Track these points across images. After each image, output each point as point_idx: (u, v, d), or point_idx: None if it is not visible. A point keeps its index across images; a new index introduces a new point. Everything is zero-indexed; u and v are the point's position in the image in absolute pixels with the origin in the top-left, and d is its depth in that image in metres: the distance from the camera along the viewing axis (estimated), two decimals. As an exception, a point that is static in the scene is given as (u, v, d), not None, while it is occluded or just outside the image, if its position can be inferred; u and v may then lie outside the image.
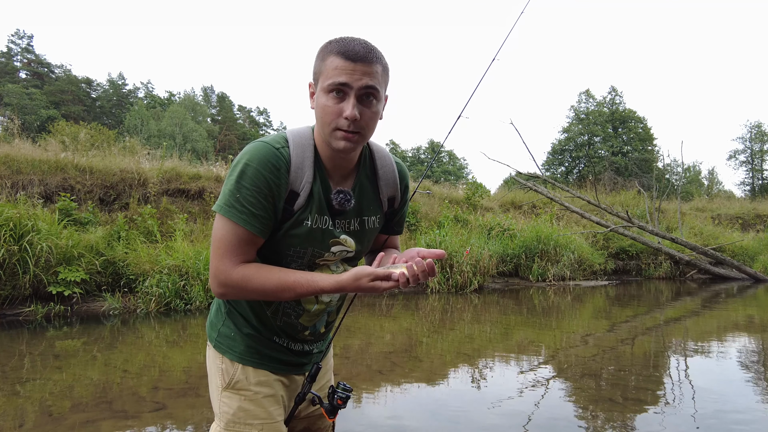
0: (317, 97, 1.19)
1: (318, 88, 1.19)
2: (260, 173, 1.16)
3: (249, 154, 1.18)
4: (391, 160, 1.40)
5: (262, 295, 1.20)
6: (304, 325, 1.37)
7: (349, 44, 1.15)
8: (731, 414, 3.32)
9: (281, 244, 1.25)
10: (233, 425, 1.31)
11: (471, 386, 3.97)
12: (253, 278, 1.18)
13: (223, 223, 1.19)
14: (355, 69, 1.14)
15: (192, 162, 12.97)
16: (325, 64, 1.16)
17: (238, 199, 1.16)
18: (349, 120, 1.15)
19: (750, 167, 46.57)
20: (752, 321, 7.05)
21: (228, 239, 1.18)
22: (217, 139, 48.16)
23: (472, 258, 9.87)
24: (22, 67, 46.94)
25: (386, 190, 1.38)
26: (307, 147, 1.24)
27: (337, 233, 1.30)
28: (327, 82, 1.15)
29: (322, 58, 1.17)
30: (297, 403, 1.37)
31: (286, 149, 1.21)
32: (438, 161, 56.06)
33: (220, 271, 1.19)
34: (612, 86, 51.58)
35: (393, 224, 1.47)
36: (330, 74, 1.14)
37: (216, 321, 1.40)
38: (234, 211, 1.16)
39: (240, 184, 1.16)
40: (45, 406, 3.38)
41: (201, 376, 4.02)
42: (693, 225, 14.96)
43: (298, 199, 1.22)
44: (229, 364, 1.35)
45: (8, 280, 6.38)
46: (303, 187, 1.22)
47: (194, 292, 7.11)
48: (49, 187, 8.50)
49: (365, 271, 1.16)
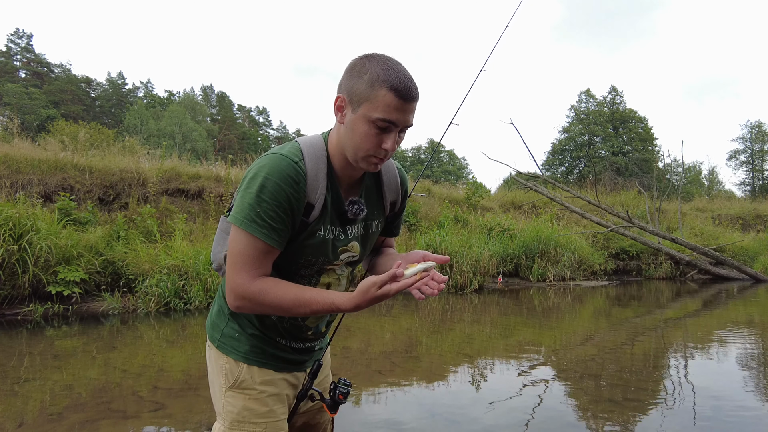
0: (356, 120, 1.17)
1: (359, 112, 1.16)
2: (281, 187, 1.16)
3: (268, 168, 1.18)
4: (393, 165, 1.42)
5: (277, 309, 1.20)
6: (309, 325, 1.40)
7: (402, 81, 1.14)
8: (732, 414, 3.31)
9: (294, 254, 1.27)
10: (238, 424, 1.32)
11: (471, 386, 3.96)
12: (270, 292, 1.19)
13: (242, 236, 1.18)
14: (405, 108, 1.16)
15: (191, 162, 12.96)
16: (375, 94, 1.14)
17: (259, 213, 1.16)
18: (388, 151, 1.19)
19: (750, 167, 46.58)
20: (752, 321, 7.04)
21: (247, 253, 1.18)
22: (216, 138, 48.17)
23: (471, 258, 9.87)
24: (21, 66, 46.94)
25: (389, 194, 1.41)
26: (321, 159, 1.25)
27: (346, 242, 1.33)
28: (375, 116, 1.14)
29: (370, 85, 1.14)
30: (299, 400, 1.40)
31: (302, 162, 1.22)
32: (438, 161, 56.05)
33: (238, 285, 1.19)
34: (612, 86, 51.58)
35: (392, 227, 1.50)
36: (381, 109, 1.14)
37: (219, 322, 1.41)
38: (255, 225, 1.16)
39: (260, 197, 1.16)
40: (44, 406, 3.37)
41: (200, 376, 4.01)
42: (693, 225, 14.95)
43: (314, 211, 1.24)
44: (233, 364, 1.36)
45: (7, 280, 6.37)
46: (318, 198, 1.23)
47: (193, 291, 7.10)
48: (48, 187, 8.49)
49: (371, 281, 1.16)
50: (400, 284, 1.15)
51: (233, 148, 45.41)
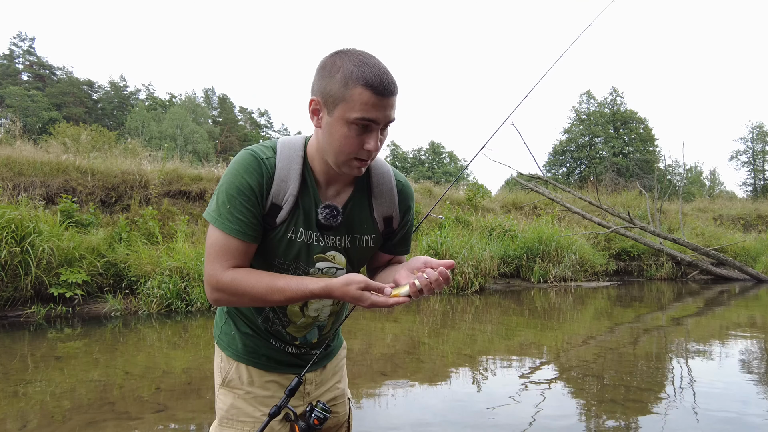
0: (333, 123, 1.12)
1: (335, 114, 1.11)
2: (246, 181, 1.16)
3: (237, 164, 1.19)
4: (390, 178, 1.33)
5: (252, 298, 1.18)
6: (293, 335, 1.37)
7: (378, 75, 1.08)
8: (733, 414, 3.31)
9: (266, 255, 1.25)
10: (226, 422, 1.34)
11: (473, 387, 3.96)
12: (243, 281, 1.17)
13: (213, 231, 1.20)
14: (384, 104, 1.10)
15: (193, 163, 13.00)
16: (351, 93, 1.07)
17: (229, 209, 1.17)
18: (372, 152, 1.14)
19: (752, 168, 46.52)
20: (754, 322, 7.04)
21: (218, 245, 1.19)
22: (218, 140, 48.22)
23: (473, 259, 9.88)
24: (24, 69, 47.04)
25: (380, 208, 1.32)
26: (295, 159, 1.22)
27: (323, 249, 1.27)
28: (353, 116, 1.08)
29: (344, 84, 1.08)
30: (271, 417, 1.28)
31: (272, 159, 1.20)
32: (439, 162, 56.06)
33: (211, 276, 1.19)
34: (613, 87, 51.73)
35: (393, 245, 1.40)
36: (358, 108, 1.08)
37: (219, 320, 1.44)
38: (223, 221, 1.17)
39: (229, 194, 1.17)
40: (47, 407, 3.38)
41: (202, 378, 4.02)
42: (695, 226, 14.93)
43: (281, 213, 1.21)
44: (226, 362, 1.38)
45: (10, 282, 6.39)
46: (286, 200, 1.20)
47: (195, 293, 7.12)
48: (50, 189, 8.51)
49: (357, 278, 1.13)
50: (380, 300, 1.12)
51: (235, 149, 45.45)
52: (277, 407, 1.28)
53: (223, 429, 1.34)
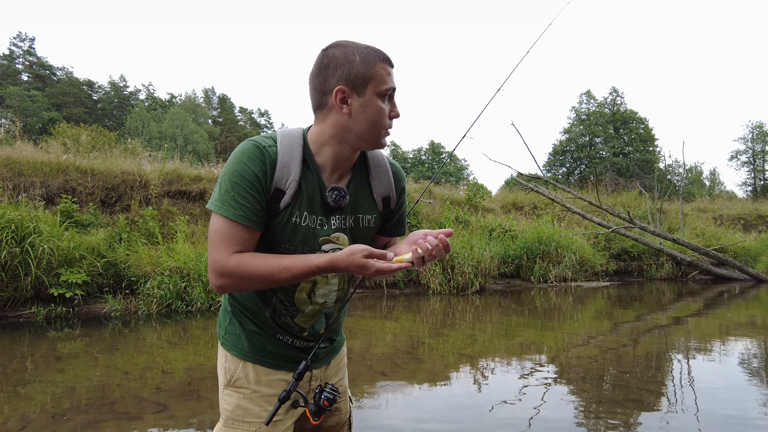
0: (366, 102, 1.23)
1: (366, 93, 1.23)
2: (248, 167, 1.20)
3: (239, 152, 1.23)
4: (384, 160, 1.42)
5: (259, 280, 1.20)
6: (301, 326, 1.38)
7: (381, 51, 1.25)
8: (734, 415, 3.31)
9: (272, 241, 1.27)
10: (232, 422, 1.34)
11: (473, 387, 3.96)
12: (248, 263, 1.19)
13: (217, 218, 1.22)
14: (392, 73, 1.27)
15: (193, 164, 12.99)
16: (374, 70, 1.22)
17: (233, 196, 1.19)
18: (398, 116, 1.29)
19: (752, 168, 46.53)
20: (754, 322, 7.03)
21: (223, 231, 1.21)
22: (218, 140, 48.22)
23: (473, 259, 9.88)
24: (24, 69, 47.05)
25: (379, 189, 1.39)
26: (296, 146, 1.26)
27: (328, 231, 1.31)
28: (383, 87, 1.23)
29: (366, 64, 1.21)
30: (280, 402, 1.30)
31: (273, 147, 1.24)
32: (439, 162, 56.04)
33: (216, 261, 1.20)
34: (613, 87, 51.62)
35: (391, 226, 1.47)
36: (385, 80, 1.23)
37: (223, 320, 1.43)
38: (228, 207, 1.19)
39: (232, 180, 1.20)
40: (47, 407, 3.38)
41: (202, 378, 4.02)
42: (695, 226, 14.93)
43: (284, 197, 1.24)
44: (231, 362, 1.37)
45: (10, 282, 6.39)
46: (289, 185, 1.24)
47: (195, 293, 7.12)
48: (50, 189, 8.51)
49: (360, 247, 1.17)
50: (384, 265, 1.16)
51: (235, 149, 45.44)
52: (286, 392, 1.30)
53: (228, 430, 1.34)
